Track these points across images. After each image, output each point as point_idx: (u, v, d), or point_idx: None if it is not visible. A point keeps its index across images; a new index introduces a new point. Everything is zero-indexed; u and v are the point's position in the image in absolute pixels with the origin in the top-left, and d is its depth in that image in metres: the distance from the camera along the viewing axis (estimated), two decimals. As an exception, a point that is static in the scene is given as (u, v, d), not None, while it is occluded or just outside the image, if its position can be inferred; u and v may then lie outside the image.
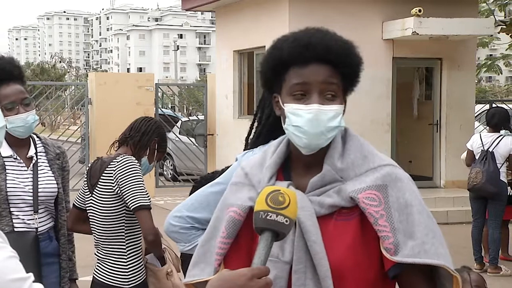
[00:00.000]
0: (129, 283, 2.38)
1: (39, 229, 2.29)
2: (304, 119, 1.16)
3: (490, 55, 24.65)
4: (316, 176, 1.18)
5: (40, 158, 2.35)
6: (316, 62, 1.17)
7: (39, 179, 2.30)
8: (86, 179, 2.49)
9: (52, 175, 2.33)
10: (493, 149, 5.21)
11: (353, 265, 1.15)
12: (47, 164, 2.34)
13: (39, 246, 2.26)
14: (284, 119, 1.20)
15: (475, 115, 8.75)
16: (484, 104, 10.30)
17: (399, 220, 1.14)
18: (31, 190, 2.28)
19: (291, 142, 1.22)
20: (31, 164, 2.33)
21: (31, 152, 2.34)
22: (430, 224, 1.17)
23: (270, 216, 1.05)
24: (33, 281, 1.03)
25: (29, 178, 2.29)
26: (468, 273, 2.51)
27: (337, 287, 1.15)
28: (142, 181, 2.36)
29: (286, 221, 1.06)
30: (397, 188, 1.16)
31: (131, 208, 2.34)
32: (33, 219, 2.28)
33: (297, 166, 1.23)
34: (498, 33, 8.89)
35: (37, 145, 2.37)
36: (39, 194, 2.29)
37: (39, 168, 2.32)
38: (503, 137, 5.24)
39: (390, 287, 1.21)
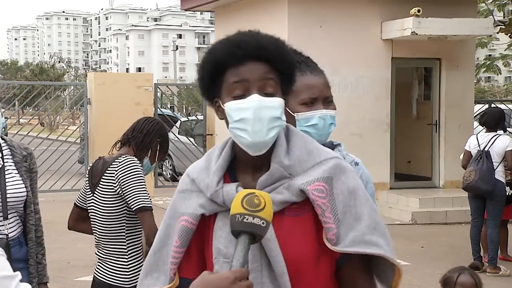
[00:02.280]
0: (130, 282, 2.38)
1: (10, 235, 2.22)
2: (246, 111, 1.16)
3: (489, 55, 24.62)
4: (264, 174, 1.18)
5: (6, 162, 2.26)
6: (251, 60, 1.17)
7: (6, 184, 2.22)
8: (87, 179, 2.49)
9: (20, 178, 2.26)
10: (488, 148, 5.21)
11: (308, 259, 1.17)
12: (14, 167, 2.26)
13: (10, 253, 2.20)
14: (227, 121, 1.20)
15: (474, 115, 8.74)
16: (483, 104, 10.30)
17: (342, 211, 1.16)
18: None
19: (237, 145, 1.21)
20: None
21: None
22: (373, 216, 1.18)
23: (247, 219, 1.06)
24: (20, 280, 1.04)
25: None
26: (458, 274, 2.47)
27: (294, 282, 1.16)
28: (144, 182, 2.37)
29: (263, 223, 1.06)
30: (341, 181, 1.18)
31: (133, 209, 2.34)
32: (3, 225, 2.21)
33: (243, 168, 1.22)
34: (497, 33, 8.88)
35: (3, 148, 2.29)
36: (8, 199, 2.21)
37: (6, 173, 2.24)
38: (498, 137, 5.25)
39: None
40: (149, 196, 2.37)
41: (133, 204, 2.34)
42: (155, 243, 1.27)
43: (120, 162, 2.37)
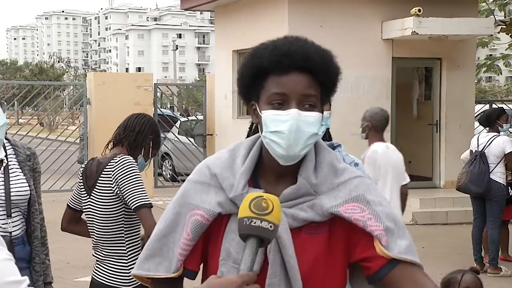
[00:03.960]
0: (130, 284, 2.36)
1: (13, 233, 2.22)
2: (284, 124, 1.15)
3: (490, 55, 24.59)
4: (290, 188, 1.18)
5: (10, 161, 2.27)
6: (295, 70, 1.16)
7: (10, 182, 2.23)
8: (81, 180, 2.47)
9: (24, 177, 2.26)
10: (484, 149, 5.19)
11: (319, 278, 1.17)
12: (18, 166, 2.27)
13: (14, 251, 2.19)
14: (261, 127, 1.19)
15: (475, 115, 8.72)
16: (484, 104, 10.27)
17: (387, 219, 1.18)
18: (3, 194, 2.22)
19: (265, 149, 1.21)
20: (2, 167, 2.22)
21: (1, 154, 2.24)
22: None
23: (255, 222, 1.06)
24: (28, 285, 1.04)
25: (0, 182, 2.23)
26: (462, 275, 2.47)
27: None
28: (141, 180, 2.34)
29: (271, 226, 1.06)
30: (374, 194, 1.21)
31: (132, 208, 2.32)
32: (6, 223, 2.21)
33: (267, 173, 1.21)
34: (498, 33, 8.85)
35: (7, 147, 2.30)
36: (12, 197, 2.22)
37: (10, 171, 2.25)
38: (496, 137, 5.22)
39: None
40: (147, 194, 2.34)
41: (132, 203, 2.31)
42: (160, 229, 1.24)
43: (116, 162, 2.35)
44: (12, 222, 2.22)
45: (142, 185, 2.33)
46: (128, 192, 2.31)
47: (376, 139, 3.74)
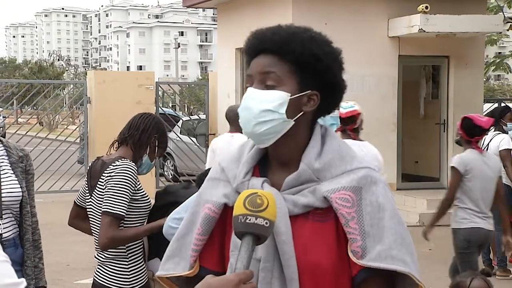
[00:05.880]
0: (130, 286, 2.35)
1: (4, 235, 2.19)
2: (241, 104, 1.19)
3: (499, 52, 24.45)
4: (292, 174, 1.18)
5: (2, 162, 2.25)
6: (261, 53, 1.19)
7: (2, 183, 2.20)
8: (86, 179, 2.46)
9: (16, 178, 2.24)
10: (485, 148, 5.12)
11: (327, 267, 1.15)
12: (10, 168, 2.24)
13: None
14: None
15: (483, 114, 8.59)
16: (492, 103, 10.15)
17: (370, 223, 1.14)
18: None
19: None
20: None
21: None
22: (400, 231, 1.16)
23: (250, 220, 1.04)
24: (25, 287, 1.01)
25: None
26: (471, 279, 2.42)
27: None
28: (124, 189, 2.29)
29: (266, 223, 1.04)
30: (371, 192, 1.16)
31: (101, 211, 2.29)
32: None
33: (272, 163, 1.23)
34: (507, 30, 8.76)
35: None
36: (3, 199, 2.19)
37: (1, 172, 2.22)
38: (495, 136, 5.14)
39: None
40: (123, 205, 2.27)
41: (102, 206, 2.29)
42: (180, 229, 1.27)
43: (114, 167, 2.32)
44: (2, 224, 2.20)
45: (122, 193, 2.28)
46: (106, 196, 2.28)
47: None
